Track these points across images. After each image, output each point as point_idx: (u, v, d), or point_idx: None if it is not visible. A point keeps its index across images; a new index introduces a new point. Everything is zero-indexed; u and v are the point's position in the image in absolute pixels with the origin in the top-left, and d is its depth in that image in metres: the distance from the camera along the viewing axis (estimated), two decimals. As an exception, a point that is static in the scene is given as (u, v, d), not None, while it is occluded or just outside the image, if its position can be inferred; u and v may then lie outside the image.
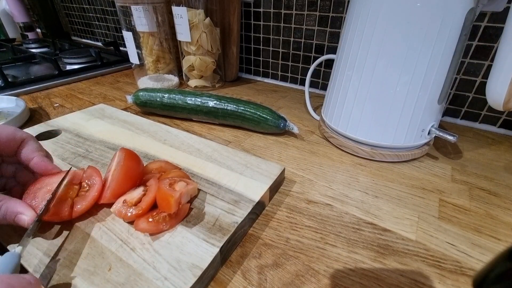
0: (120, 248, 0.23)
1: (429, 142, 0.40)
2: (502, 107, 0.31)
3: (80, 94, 0.61)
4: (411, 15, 0.31)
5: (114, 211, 0.25)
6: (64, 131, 0.41)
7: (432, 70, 0.33)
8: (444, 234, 0.27)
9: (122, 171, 0.27)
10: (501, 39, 0.30)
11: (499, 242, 0.27)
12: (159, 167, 0.31)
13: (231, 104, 0.44)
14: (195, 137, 0.40)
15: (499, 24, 0.41)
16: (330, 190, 0.33)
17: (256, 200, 0.28)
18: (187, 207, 0.26)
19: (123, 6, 0.57)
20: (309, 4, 0.56)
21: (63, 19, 1.22)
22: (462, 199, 0.32)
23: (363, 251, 0.26)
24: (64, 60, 0.78)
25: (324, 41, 0.58)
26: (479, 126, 0.49)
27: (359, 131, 0.38)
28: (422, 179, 0.35)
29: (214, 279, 0.23)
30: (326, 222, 0.29)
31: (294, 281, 0.23)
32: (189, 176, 0.30)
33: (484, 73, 0.45)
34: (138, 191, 0.27)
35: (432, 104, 0.35)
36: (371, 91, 0.36)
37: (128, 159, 0.28)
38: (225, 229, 0.25)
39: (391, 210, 0.30)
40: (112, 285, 0.20)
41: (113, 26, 1.03)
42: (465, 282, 0.23)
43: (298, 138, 0.45)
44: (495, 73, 0.31)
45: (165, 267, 0.21)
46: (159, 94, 0.48)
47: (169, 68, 0.66)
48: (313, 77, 0.64)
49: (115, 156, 0.28)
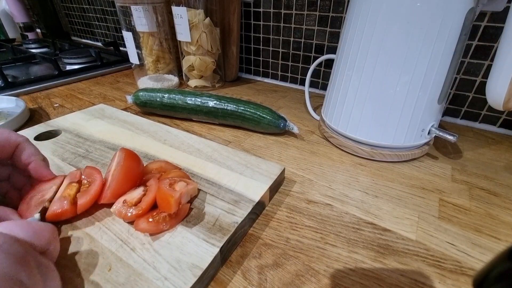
0: (120, 248, 0.23)
1: (429, 142, 0.40)
2: (502, 106, 0.31)
3: (80, 94, 0.61)
4: (411, 15, 0.31)
5: (114, 211, 0.25)
6: (64, 131, 0.41)
7: (432, 70, 0.33)
8: (444, 234, 0.27)
9: (122, 171, 0.27)
10: (501, 39, 0.30)
11: (499, 242, 0.27)
12: (159, 167, 0.31)
13: (231, 104, 0.44)
14: (195, 137, 0.40)
15: (499, 23, 0.41)
16: (330, 190, 0.33)
17: (256, 200, 0.28)
18: (187, 207, 0.26)
19: (123, 6, 0.57)
20: (309, 4, 0.56)
21: (63, 19, 1.22)
22: (462, 199, 0.32)
23: (363, 251, 0.26)
24: (64, 60, 0.78)
25: (324, 41, 0.58)
26: (479, 126, 0.49)
27: (359, 131, 0.38)
28: (422, 179, 0.35)
29: (214, 279, 0.23)
30: (326, 222, 0.29)
31: (294, 281, 0.23)
32: (189, 176, 0.30)
33: (484, 72, 0.45)
34: (138, 191, 0.27)
35: (432, 104, 0.35)
36: (371, 91, 0.36)
37: (128, 159, 0.28)
38: (225, 229, 0.25)
39: (391, 210, 0.30)
40: (112, 285, 0.20)
41: (113, 26, 1.03)
42: (465, 281, 0.23)
43: (298, 138, 0.45)
44: (495, 72, 0.31)
45: (165, 267, 0.21)
46: (159, 94, 0.48)
47: (169, 68, 0.66)
48: (313, 77, 0.64)
49: (115, 156, 0.28)
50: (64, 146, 0.37)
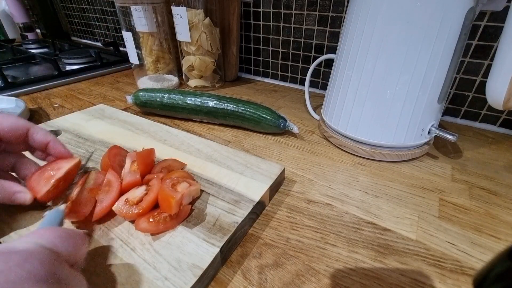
0: (120, 248, 0.23)
1: (429, 141, 0.40)
2: (502, 106, 0.31)
3: (80, 94, 0.61)
4: (410, 15, 0.31)
5: (116, 210, 0.25)
6: (64, 132, 0.41)
7: (432, 69, 0.33)
8: (444, 234, 0.27)
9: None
10: (501, 39, 0.30)
11: (499, 241, 0.27)
12: (167, 165, 0.32)
13: (231, 104, 0.44)
14: (195, 137, 0.40)
15: (499, 23, 0.41)
16: (330, 190, 0.33)
17: (256, 200, 0.28)
18: (188, 208, 0.26)
19: (122, 6, 0.57)
20: (308, 3, 0.56)
21: (63, 19, 1.22)
22: (462, 199, 0.32)
23: (363, 250, 0.26)
24: (64, 61, 0.78)
25: (324, 40, 0.58)
26: (479, 126, 0.49)
27: (359, 131, 0.38)
28: (422, 178, 0.35)
29: (214, 279, 0.23)
30: (326, 222, 0.29)
31: (295, 281, 0.23)
32: (193, 177, 0.30)
33: (484, 72, 0.45)
34: (141, 190, 0.27)
35: (432, 104, 0.35)
36: (371, 91, 0.36)
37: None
38: (225, 229, 0.25)
39: (391, 210, 0.30)
40: (112, 285, 0.20)
41: (112, 26, 1.03)
42: (465, 281, 0.23)
43: (298, 138, 0.45)
44: (495, 72, 0.31)
45: (165, 267, 0.21)
46: (159, 94, 0.48)
47: (169, 68, 0.66)
48: (313, 77, 0.64)
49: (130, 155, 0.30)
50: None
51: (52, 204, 0.27)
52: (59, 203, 0.24)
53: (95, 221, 0.25)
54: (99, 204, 0.25)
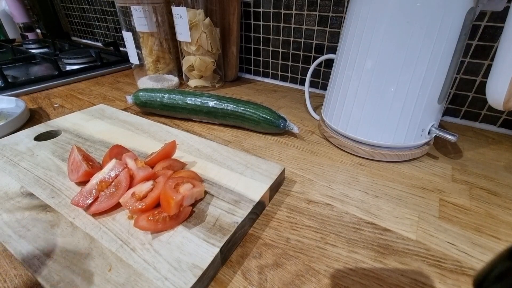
0: (120, 248, 0.23)
1: (429, 141, 0.40)
2: (502, 106, 0.31)
3: (80, 94, 0.61)
4: (411, 15, 0.31)
5: (122, 202, 0.25)
6: (64, 132, 0.41)
7: (432, 69, 0.33)
8: (445, 234, 0.27)
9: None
10: (501, 39, 0.30)
11: (500, 242, 0.27)
12: (168, 165, 0.32)
13: (231, 104, 0.44)
14: (195, 137, 0.40)
15: (499, 23, 0.41)
16: (330, 190, 0.33)
17: (256, 200, 0.28)
18: (189, 210, 0.26)
19: (123, 7, 0.57)
20: (308, 4, 0.56)
21: (63, 19, 1.22)
22: (462, 199, 0.32)
23: (363, 250, 0.26)
24: (64, 61, 0.79)
25: (324, 41, 0.58)
26: (479, 126, 0.49)
27: (359, 131, 0.38)
28: (422, 178, 0.35)
29: (214, 279, 0.23)
30: (326, 222, 0.29)
31: (295, 281, 0.23)
32: (201, 178, 0.30)
33: (484, 72, 0.45)
34: (147, 185, 0.27)
35: (432, 104, 0.35)
36: (371, 91, 0.36)
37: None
38: (225, 229, 0.25)
39: (391, 210, 0.30)
40: (112, 285, 0.20)
41: (113, 27, 1.03)
42: (465, 281, 0.23)
43: (298, 138, 0.45)
44: (495, 72, 0.31)
45: (165, 267, 0.21)
46: (159, 94, 0.48)
47: (169, 68, 0.66)
48: (313, 77, 0.64)
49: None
50: (64, 146, 0.37)
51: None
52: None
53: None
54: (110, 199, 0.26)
